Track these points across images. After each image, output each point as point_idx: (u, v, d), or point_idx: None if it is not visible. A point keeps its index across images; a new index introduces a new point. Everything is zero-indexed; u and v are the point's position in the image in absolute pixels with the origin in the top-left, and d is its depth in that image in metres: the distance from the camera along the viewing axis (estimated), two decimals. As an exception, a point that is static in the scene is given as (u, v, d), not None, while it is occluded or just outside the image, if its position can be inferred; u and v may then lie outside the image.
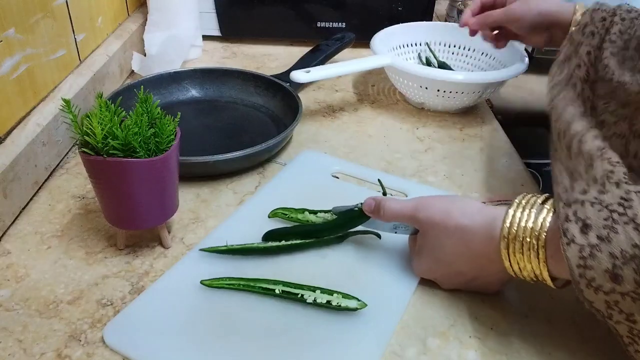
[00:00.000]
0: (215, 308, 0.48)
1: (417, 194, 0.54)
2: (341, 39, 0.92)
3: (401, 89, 0.84)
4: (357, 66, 0.78)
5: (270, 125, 0.77)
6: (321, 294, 0.48)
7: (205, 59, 1.01)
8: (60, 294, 0.50)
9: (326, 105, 0.86)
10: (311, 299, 0.48)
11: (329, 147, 0.75)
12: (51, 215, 0.60)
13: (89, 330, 0.46)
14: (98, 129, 0.45)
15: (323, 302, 0.48)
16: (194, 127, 0.76)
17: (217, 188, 0.65)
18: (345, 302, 0.48)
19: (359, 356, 0.45)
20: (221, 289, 0.50)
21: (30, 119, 0.62)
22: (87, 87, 0.74)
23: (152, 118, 0.50)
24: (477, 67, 0.91)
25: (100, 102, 0.48)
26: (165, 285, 0.50)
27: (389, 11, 1.02)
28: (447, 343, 0.47)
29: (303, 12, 1.03)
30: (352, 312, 0.48)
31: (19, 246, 0.55)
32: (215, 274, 0.51)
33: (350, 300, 0.48)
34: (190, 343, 0.45)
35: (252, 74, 0.83)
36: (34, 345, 0.45)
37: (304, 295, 0.48)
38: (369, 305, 0.47)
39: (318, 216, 0.57)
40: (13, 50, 0.59)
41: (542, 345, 0.47)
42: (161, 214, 0.53)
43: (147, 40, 0.91)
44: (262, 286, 0.49)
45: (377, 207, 0.51)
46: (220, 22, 1.04)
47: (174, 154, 0.50)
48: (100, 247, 0.56)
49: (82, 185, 0.64)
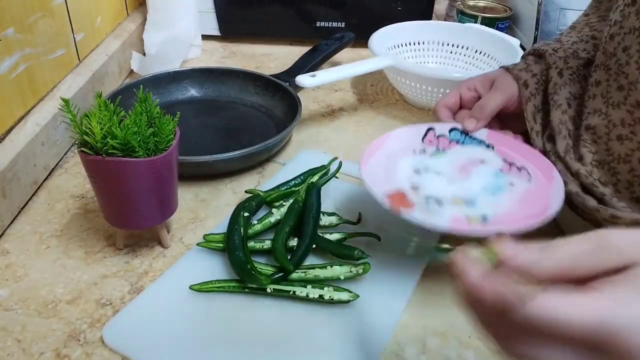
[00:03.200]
0: (215, 307, 0.48)
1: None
2: (340, 38, 0.92)
3: (400, 88, 0.84)
4: (362, 68, 0.77)
5: (269, 125, 0.77)
6: (312, 288, 0.48)
7: (205, 59, 1.01)
8: (59, 294, 0.50)
9: (325, 105, 0.86)
10: (303, 294, 0.48)
11: (328, 146, 0.75)
12: (50, 215, 0.59)
13: (88, 330, 0.46)
14: (97, 129, 0.45)
15: (315, 296, 0.48)
16: (193, 126, 0.76)
17: (217, 188, 0.65)
18: (337, 295, 0.48)
19: (359, 356, 0.45)
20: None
21: (29, 118, 0.62)
22: (86, 86, 0.73)
23: (151, 117, 0.50)
24: (476, 67, 0.91)
25: (100, 101, 0.48)
26: (164, 285, 0.50)
27: (389, 11, 1.02)
28: (447, 343, 0.47)
29: (302, 11, 1.02)
30: (350, 311, 0.48)
31: (17, 246, 0.55)
32: (215, 274, 0.51)
33: (342, 293, 0.48)
34: (189, 342, 0.45)
35: (252, 73, 0.83)
36: (33, 345, 0.45)
37: (296, 292, 0.48)
38: (369, 305, 0.47)
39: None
40: (12, 50, 0.59)
41: (542, 344, 0.47)
42: (160, 214, 0.53)
43: (147, 39, 0.90)
44: (253, 286, 0.49)
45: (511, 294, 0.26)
46: (220, 22, 1.04)
47: (173, 154, 0.50)
48: (99, 246, 0.55)
49: (81, 184, 0.64)
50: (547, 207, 0.49)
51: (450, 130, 0.60)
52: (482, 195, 0.52)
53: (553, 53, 0.59)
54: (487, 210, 0.50)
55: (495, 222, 0.48)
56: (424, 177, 0.54)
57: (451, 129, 0.60)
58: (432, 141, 0.60)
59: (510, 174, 0.55)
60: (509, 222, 0.48)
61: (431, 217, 0.47)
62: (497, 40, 0.87)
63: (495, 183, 0.54)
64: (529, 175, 0.55)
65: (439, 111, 0.63)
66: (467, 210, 0.50)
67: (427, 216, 0.48)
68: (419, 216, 0.47)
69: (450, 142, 0.60)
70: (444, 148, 0.59)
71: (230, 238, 0.52)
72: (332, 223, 0.57)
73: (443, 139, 0.60)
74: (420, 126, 0.61)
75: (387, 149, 0.58)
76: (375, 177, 0.53)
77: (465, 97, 0.63)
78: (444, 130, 0.60)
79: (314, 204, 0.56)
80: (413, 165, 0.56)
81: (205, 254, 0.54)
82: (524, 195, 0.52)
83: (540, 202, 0.50)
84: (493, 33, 0.90)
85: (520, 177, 0.55)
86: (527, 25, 1.00)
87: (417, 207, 0.49)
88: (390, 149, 0.58)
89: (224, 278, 0.51)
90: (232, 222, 0.53)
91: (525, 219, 0.47)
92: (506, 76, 0.61)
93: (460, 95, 0.63)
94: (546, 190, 0.52)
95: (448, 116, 0.62)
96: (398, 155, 0.57)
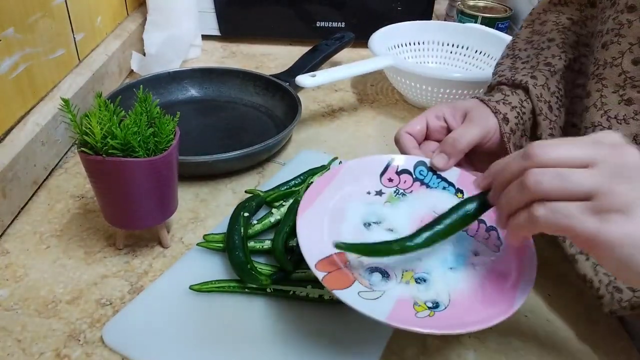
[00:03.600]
0: (215, 307, 0.48)
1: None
2: (340, 38, 0.92)
3: (400, 88, 0.84)
4: (362, 68, 0.77)
5: (269, 125, 0.77)
6: (312, 288, 0.48)
7: (205, 59, 1.01)
8: (59, 294, 0.50)
9: (325, 104, 0.86)
10: (303, 294, 0.48)
11: (328, 146, 0.75)
12: (50, 215, 0.59)
13: (88, 330, 0.46)
14: (97, 129, 0.45)
15: (315, 296, 0.48)
16: (193, 126, 0.76)
17: (217, 188, 0.65)
18: None
19: (359, 356, 0.45)
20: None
21: (29, 118, 0.62)
22: (86, 86, 0.73)
23: (151, 117, 0.50)
24: (476, 67, 0.91)
25: (100, 101, 0.48)
26: (164, 285, 0.50)
27: (389, 11, 1.02)
28: (447, 343, 0.47)
29: (302, 11, 1.02)
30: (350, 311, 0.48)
31: (17, 246, 0.55)
32: (215, 274, 0.51)
33: None
34: (189, 342, 0.45)
35: (252, 73, 0.83)
36: (32, 345, 0.45)
37: (296, 292, 0.48)
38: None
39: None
40: (12, 50, 0.59)
41: (542, 345, 0.47)
42: (160, 214, 0.53)
43: (147, 39, 0.90)
44: (253, 286, 0.49)
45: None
46: (220, 22, 1.04)
47: (173, 154, 0.50)
48: (99, 246, 0.55)
49: (81, 184, 0.64)
50: (512, 298, 0.41)
51: (415, 165, 0.52)
52: (438, 268, 0.44)
53: (534, 85, 0.54)
54: (441, 293, 0.42)
55: (446, 316, 0.40)
56: (373, 235, 0.46)
57: (417, 164, 0.52)
58: (393, 179, 0.51)
59: (477, 237, 0.47)
60: (462, 315, 0.40)
61: (369, 303, 0.40)
62: (497, 40, 0.87)
63: (457, 251, 0.45)
64: (497, 241, 0.46)
65: (402, 138, 0.54)
66: (417, 292, 0.42)
67: (364, 302, 0.40)
68: (353, 300, 0.39)
69: (413, 182, 0.51)
70: (405, 190, 0.51)
71: (230, 238, 0.52)
72: None
73: (405, 175, 0.52)
74: (381, 157, 0.53)
75: (336, 186, 0.50)
76: (314, 229, 0.45)
77: (432, 126, 0.55)
78: (408, 165, 0.52)
79: None
80: (363, 216, 0.48)
81: (205, 254, 0.54)
82: (487, 272, 0.44)
83: (505, 285, 0.43)
84: (493, 33, 0.90)
85: (486, 245, 0.46)
86: (527, 25, 1.00)
87: (356, 282, 0.42)
88: (342, 186, 0.50)
89: (224, 278, 0.51)
90: (232, 222, 0.53)
91: (484, 308, 0.41)
92: (482, 108, 0.53)
93: (427, 122, 0.55)
94: (514, 266, 0.44)
95: (413, 146, 0.54)
96: (349, 197, 0.49)
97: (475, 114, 0.53)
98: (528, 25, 0.63)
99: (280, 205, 0.57)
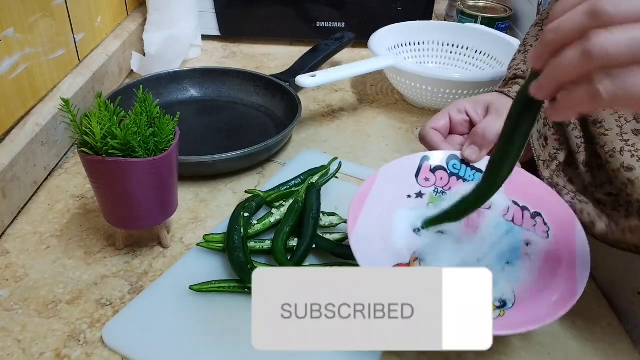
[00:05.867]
0: (215, 307, 0.48)
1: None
2: (340, 38, 0.92)
3: (401, 88, 0.84)
4: (362, 68, 0.77)
5: (269, 125, 0.77)
6: None
7: (205, 59, 1.01)
8: (60, 294, 0.50)
9: (325, 105, 0.86)
10: None
11: (328, 146, 0.75)
12: (50, 215, 0.59)
13: (88, 330, 0.46)
14: (97, 129, 0.45)
15: None
16: (193, 126, 0.76)
17: (217, 188, 0.65)
18: None
19: (359, 356, 0.45)
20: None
21: (29, 118, 0.62)
22: (86, 86, 0.73)
23: (151, 118, 0.50)
24: (476, 67, 0.91)
25: (100, 101, 0.48)
26: (164, 285, 0.50)
27: (389, 11, 1.02)
28: (447, 343, 0.47)
29: (302, 11, 1.02)
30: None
31: (18, 246, 0.55)
32: (215, 274, 0.51)
33: None
34: (189, 342, 0.45)
35: (252, 73, 0.83)
36: (33, 345, 0.45)
37: None
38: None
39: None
40: (12, 50, 0.59)
41: (542, 345, 0.47)
42: (160, 214, 0.53)
43: (147, 40, 0.90)
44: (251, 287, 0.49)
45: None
46: (220, 22, 1.04)
47: (173, 154, 0.50)
48: (99, 247, 0.55)
49: (81, 185, 0.64)
50: (572, 283, 0.40)
51: (447, 160, 0.52)
52: (496, 265, 0.43)
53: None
54: (506, 291, 0.41)
55: (516, 313, 0.39)
56: (426, 240, 0.46)
57: (449, 159, 0.52)
58: (429, 178, 0.51)
59: (524, 226, 0.47)
60: (531, 309, 0.40)
61: None
62: (497, 40, 0.87)
63: (510, 243, 0.45)
64: (545, 227, 0.46)
65: (429, 134, 0.55)
66: None
67: None
68: None
69: (449, 178, 0.51)
70: (443, 188, 0.50)
71: (230, 238, 0.52)
72: (332, 223, 0.57)
73: (440, 172, 0.51)
74: (413, 158, 0.52)
75: (377, 195, 0.49)
76: (369, 246, 0.44)
77: (455, 120, 0.56)
78: (441, 161, 0.52)
79: (314, 204, 0.56)
80: (410, 221, 0.47)
81: (205, 254, 0.54)
82: (543, 261, 0.43)
83: (561, 270, 0.42)
84: (493, 33, 0.90)
85: (535, 232, 0.46)
86: (527, 25, 1.00)
87: None
88: (381, 195, 0.49)
89: (224, 278, 0.51)
90: (232, 222, 0.53)
91: (548, 298, 0.40)
92: (504, 99, 0.55)
93: (450, 117, 0.56)
94: (566, 249, 0.43)
95: (441, 140, 0.55)
96: (391, 204, 0.48)
97: (498, 105, 0.54)
98: (537, 24, 0.64)
99: (281, 205, 0.57)
